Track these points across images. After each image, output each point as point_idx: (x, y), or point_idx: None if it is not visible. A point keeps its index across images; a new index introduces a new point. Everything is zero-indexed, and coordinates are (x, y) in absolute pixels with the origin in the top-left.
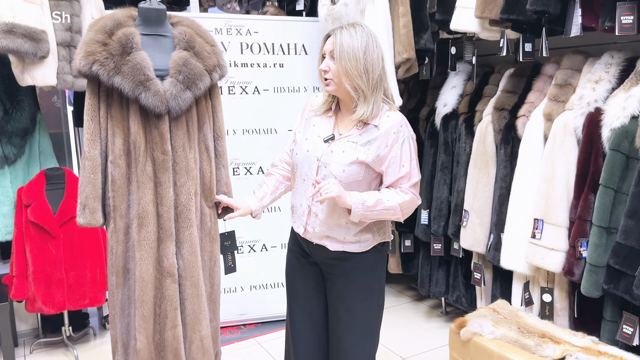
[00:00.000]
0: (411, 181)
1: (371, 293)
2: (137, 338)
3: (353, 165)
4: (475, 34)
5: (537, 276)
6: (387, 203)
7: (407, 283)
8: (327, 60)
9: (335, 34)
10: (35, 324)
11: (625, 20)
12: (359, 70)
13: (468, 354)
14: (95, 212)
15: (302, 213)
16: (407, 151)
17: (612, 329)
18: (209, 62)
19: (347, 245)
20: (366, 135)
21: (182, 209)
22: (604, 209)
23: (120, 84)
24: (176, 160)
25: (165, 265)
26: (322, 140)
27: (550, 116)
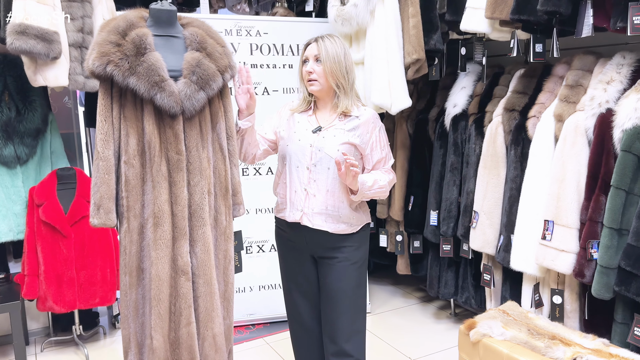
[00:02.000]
0: (389, 162)
1: (364, 268)
2: (153, 337)
3: (345, 146)
4: (485, 35)
5: (547, 278)
6: (381, 182)
7: (415, 284)
8: (312, 64)
9: (318, 41)
10: (46, 322)
11: (637, 21)
12: (341, 71)
13: (477, 356)
14: (110, 212)
15: (298, 199)
16: (383, 137)
17: (623, 331)
18: (221, 63)
19: (343, 225)
20: (350, 124)
21: (196, 208)
22: (615, 211)
23: (136, 85)
24: (190, 160)
25: (179, 263)
26: (311, 131)
27: (561, 117)
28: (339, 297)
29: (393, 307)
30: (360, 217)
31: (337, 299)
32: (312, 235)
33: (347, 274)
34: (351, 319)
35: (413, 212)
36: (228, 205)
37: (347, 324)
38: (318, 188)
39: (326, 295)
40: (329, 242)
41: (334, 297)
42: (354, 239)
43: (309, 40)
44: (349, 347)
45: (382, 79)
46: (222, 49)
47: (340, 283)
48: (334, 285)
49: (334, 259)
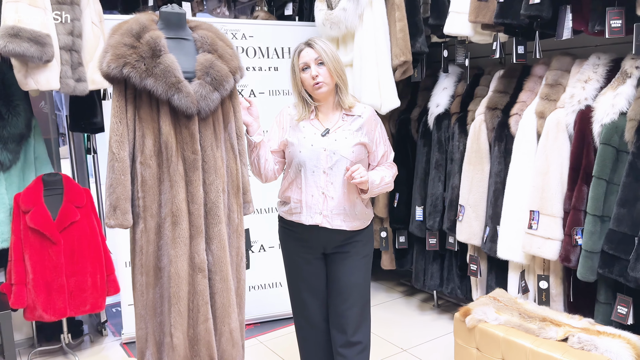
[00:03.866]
0: (391, 155)
1: (371, 261)
2: (173, 334)
3: (357, 146)
4: (467, 38)
5: (532, 265)
6: (387, 178)
7: (397, 279)
8: (316, 68)
9: (312, 45)
10: (29, 333)
11: (614, 24)
12: (341, 67)
13: (474, 340)
14: (127, 213)
15: (316, 202)
16: (384, 132)
17: (605, 311)
18: (232, 64)
19: (357, 221)
20: (355, 123)
21: (212, 206)
22: (598, 199)
23: (153, 86)
24: (205, 159)
25: (196, 261)
26: (320, 135)
27: (542, 114)
28: (350, 290)
29: (378, 302)
30: (370, 213)
31: (348, 292)
32: (329, 235)
33: (358, 267)
34: (360, 310)
35: (398, 209)
36: (239, 204)
37: (357, 315)
38: (335, 190)
39: (337, 289)
40: (342, 239)
41: (346, 290)
42: (363, 234)
43: (299, 47)
44: (357, 336)
45: (372, 80)
46: (232, 51)
47: (352, 276)
48: (346, 279)
49: (346, 253)
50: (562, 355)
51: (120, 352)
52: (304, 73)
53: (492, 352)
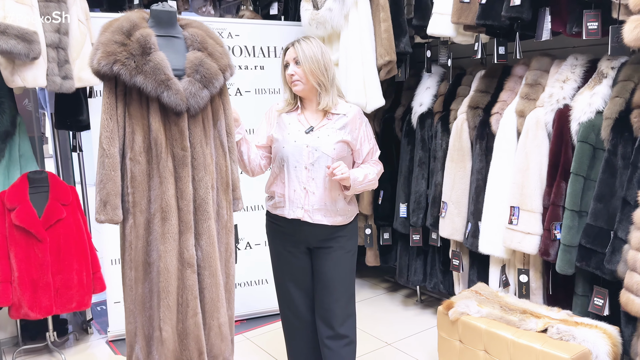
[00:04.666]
0: (377, 153)
1: (355, 256)
2: (162, 328)
3: (339, 144)
4: (450, 38)
5: (512, 259)
6: (370, 176)
7: (380, 276)
8: (293, 66)
9: (295, 45)
10: (13, 331)
11: (591, 26)
12: (320, 69)
13: (457, 333)
14: (117, 208)
15: (298, 197)
16: (369, 131)
17: (583, 303)
18: (222, 62)
19: (340, 217)
20: (339, 122)
21: (201, 202)
22: (575, 195)
23: (143, 83)
24: (194, 156)
25: (185, 256)
26: (304, 132)
27: (522, 113)
28: (335, 284)
29: (363, 298)
30: (353, 209)
31: (333, 286)
32: (311, 229)
33: (342, 261)
34: (345, 303)
35: (383, 206)
36: (229, 200)
37: (342, 308)
38: (317, 186)
39: (322, 283)
40: (326, 234)
41: (330, 284)
42: (347, 229)
43: (287, 45)
44: (343, 329)
45: (358, 80)
46: (222, 49)
47: (336, 271)
48: (330, 273)
49: (329, 248)
50: (541, 346)
51: (106, 349)
52: (286, 70)
53: (474, 343)
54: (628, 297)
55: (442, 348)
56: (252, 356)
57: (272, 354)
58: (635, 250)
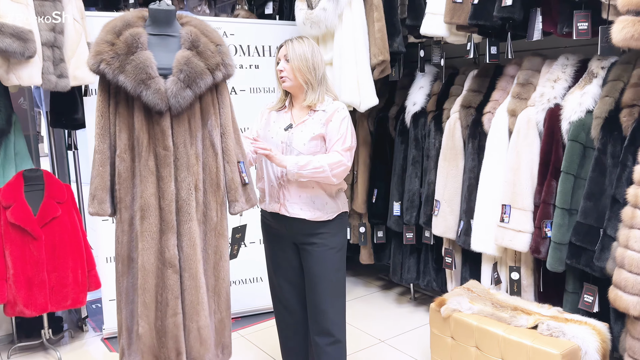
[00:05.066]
0: (345, 144)
1: (340, 254)
2: (139, 323)
3: (313, 141)
4: (442, 38)
5: (504, 257)
6: (315, 163)
7: (374, 274)
8: (283, 63)
9: (287, 43)
10: (9, 329)
11: (581, 27)
12: (308, 67)
13: (449, 329)
14: (103, 202)
15: (274, 191)
16: (345, 124)
17: (573, 300)
18: (212, 61)
19: (319, 212)
20: (317, 118)
21: (182, 203)
22: (566, 193)
23: (124, 82)
24: (177, 156)
25: (166, 256)
26: (283, 129)
27: (514, 112)
28: (319, 281)
29: (357, 296)
30: (336, 206)
31: (317, 283)
32: (292, 223)
33: (326, 258)
34: (331, 300)
35: (377, 204)
36: (220, 202)
37: (328, 305)
38: (290, 180)
39: (308, 280)
40: (307, 229)
41: (315, 280)
42: (330, 226)
43: (282, 43)
44: (331, 327)
45: (352, 79)
46: (216, 47)
47: (320, 267)
48: (314, 270)
49: (313, 244)
50: (532, 342)
51: (101, 347)
52: (277, 66)
53: (466, 340)
54: (616, 294)
55: (434, 345)
56: (247, 353)
57: (267, 351)
58: (624, 248)
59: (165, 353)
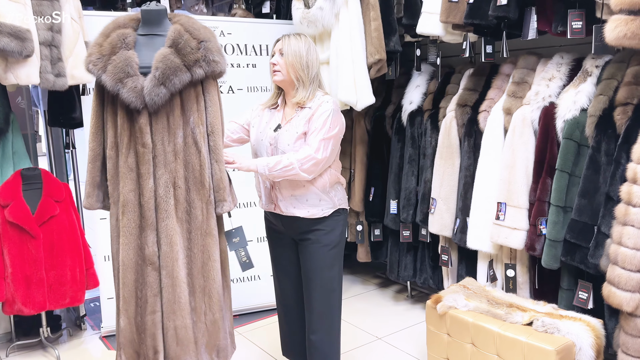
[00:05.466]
0: (319, 135)
1: (335, 252)
2: (120, 317)
3: (299, 140)
4: (439, 37)
5: (500, 254)
6: (286, 161)
7: (372, 272)
8: (277, 56)
9: (284, 37)
10: (7, 328)
11: (576, 25)
12: (301, 64)
13: (445, 326)
14: (90, 196)
15: (268, 191)
16: (326, 116)
17: (568, 297)
18: (190, 58)
19: (313, 209)
20: (303, 115)
21: (160, 201)
22: (560, 191)
23: (105, 81)
24: (155, 153)
25: (146, 252)
26: (272, 129)
27: (509, 110)
28: (312, 277)
29: (354, 294)
30: (331, 202)
31: (310, 279)
32: (288, 221)
33: (319, 255)
34: (322, 298)
35: (374, 203)
36: (205, 200)
37: (319, 303)
38: (279, 180)
39: (303, 276)
40: (302, 226)
41: (308, 277)
42: (325, 223)
43: (280, 37)
44: (321, 324)
45: (348, 78)
46: (199, 43)
47: (312, 264)
48: (307, 266)
49: (307, 240)
50: (527, 338)
51: (99, 345)
52: (271, 59)
53: (462, 336)
54: (610, 290)
55: (430, 341)
56: (245, 351)
57: (265, 348)
58: (617, 244)
59: (144, 350)
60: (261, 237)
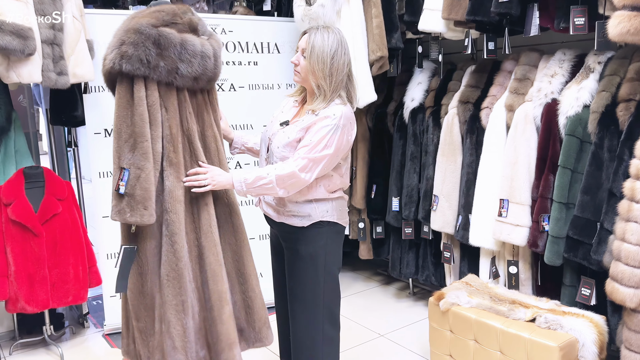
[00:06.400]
0: (311, 153)
1: (315, 265)
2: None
3: (287, 147)
4: (440, 34)
5: (502, 251)
6: (265, 178)
7: (373, 269)
8: (299, 55)
9: (310, 33)
10: (10, 326)
11: (578, 22)
12: (324, 73)
13: (447, 323)
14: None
15: None
16: (326, 131)
17: (571, 293)
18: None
19: (286, 217)
20: (306, 120)
21: None
22: (563, 187)
23: None
24: None
25: None
26: (279, 123)
27: (511, 107)
28: (290, 286)
29: (356, 291)
30: (311, 214)
31: (289, 288)
32: (271, 223)
33: (295, 266)
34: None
35: (375, 200)
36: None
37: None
38: None
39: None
40: (285, 233)
41: (288, 285)
42: (305, 234)
43: (307, 29)
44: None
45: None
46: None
47: (290, 273)
48: (287, 274)
49: (288, 249)
50: (530, 335)
51: (102, 342)
52: (295, 54)
53: (464, 333)
54: (613, 286)
55: (433, 338)
56: None
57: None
58: (620, 240)
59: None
60: (262, 235)
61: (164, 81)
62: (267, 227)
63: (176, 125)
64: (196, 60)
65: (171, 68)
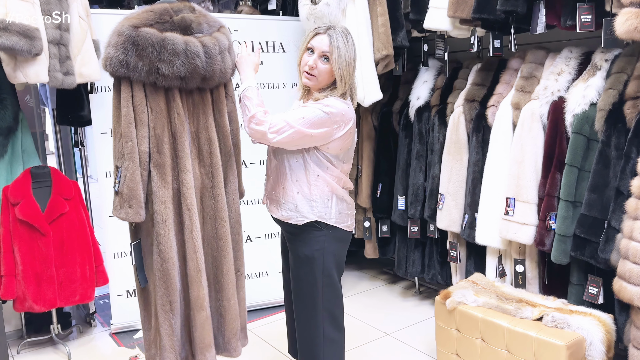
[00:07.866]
0: (295, 118)
1: (312, 268)
2: None
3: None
4: (446, 32)
5: (509, 250)
6: (251, 111)
7: (379, 268)
8: (316, 59)
9: (331, 36)
10: (18, 325)
11: (585, 19)
12: (349, 75)
13: (454, 322)
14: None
15: (265, 185)
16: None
17: (578, 292)
18: None
19: (286, 212)
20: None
21: None
22: (570, 185)
23: None
24: None
25: None
26: None
27: (518, 105)
28: (293, 285)
29: (362, 290)
30: (305, 212)
31: (292, 286)
32: (276, 221)
33: (295, 264)
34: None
35: (381, 199)
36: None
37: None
38: (270, 174)
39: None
40: (286, 231)
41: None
42: (304, 233)
43: (318, 29)
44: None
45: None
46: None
47: (293, 272)
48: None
49: (289, 248)
50: (537, 333)
51: (109, 341)
52: (306, 54)
53: (471, 332)
54: (621, 285)
55: (439, 337)
56: (253, 347)
57: (273, 344)
58: (628, 239)
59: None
60: (269, 233)
61: (148, 82)
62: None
63: (161, 126)
64: (178, 60)
65: (150, 68)
